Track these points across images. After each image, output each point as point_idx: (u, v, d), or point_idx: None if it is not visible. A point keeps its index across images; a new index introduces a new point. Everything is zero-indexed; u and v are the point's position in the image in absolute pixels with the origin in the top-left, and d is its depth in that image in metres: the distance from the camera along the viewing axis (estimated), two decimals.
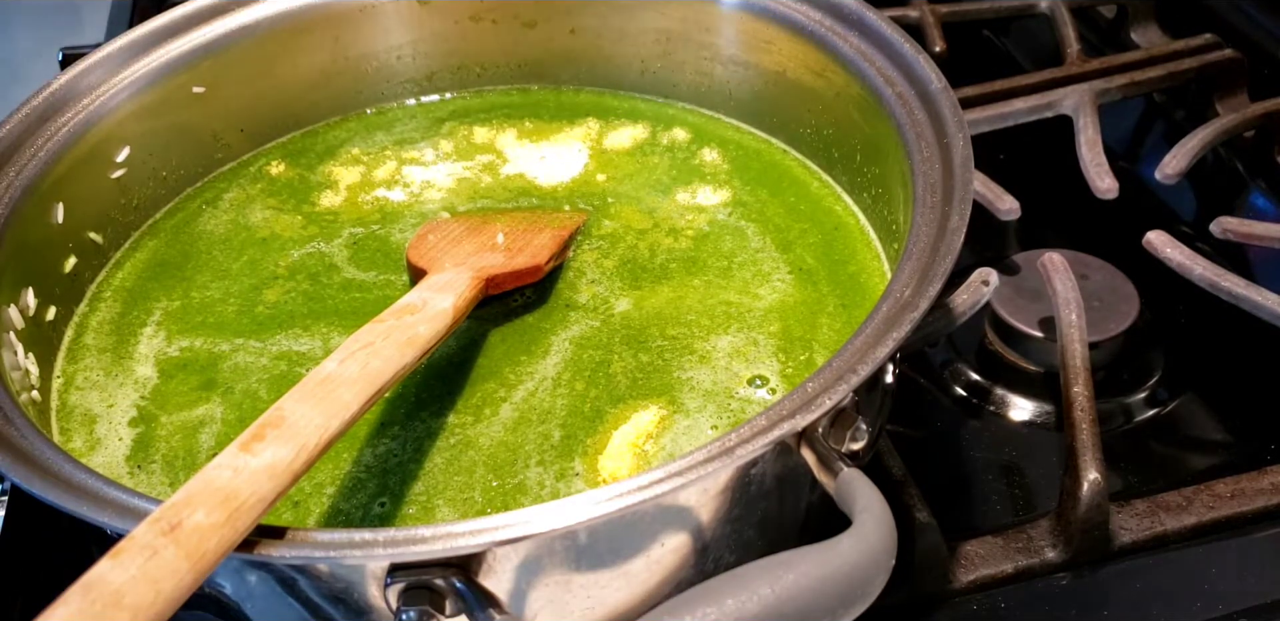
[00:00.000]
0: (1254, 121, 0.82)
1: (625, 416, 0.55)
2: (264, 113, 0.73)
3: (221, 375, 0.59)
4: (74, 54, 0.93)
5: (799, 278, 0.62)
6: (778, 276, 0.62)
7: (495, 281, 0.59)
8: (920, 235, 0.50)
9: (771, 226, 0.65)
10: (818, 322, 0.59)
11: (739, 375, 0.57)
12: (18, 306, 0.58)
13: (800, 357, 0.57)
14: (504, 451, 0.54)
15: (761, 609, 0.39)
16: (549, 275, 0.62)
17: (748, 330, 0.59)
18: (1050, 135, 0.84)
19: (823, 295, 0.61)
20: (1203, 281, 0.66)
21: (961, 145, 0.53)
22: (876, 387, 0.52)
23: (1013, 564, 0.59)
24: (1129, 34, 0.98)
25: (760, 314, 0.60)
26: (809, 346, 0.58)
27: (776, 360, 0.57)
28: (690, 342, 0.59)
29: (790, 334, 0.59)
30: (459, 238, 0.62)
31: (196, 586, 0.36)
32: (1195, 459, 0.68)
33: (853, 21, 0.63)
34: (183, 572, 0.35)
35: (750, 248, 0.64)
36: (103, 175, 0.65)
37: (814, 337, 0.58)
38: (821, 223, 0.66)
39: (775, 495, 0.48)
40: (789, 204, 0.67)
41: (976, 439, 0.69)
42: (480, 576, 0.42)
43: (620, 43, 0.74)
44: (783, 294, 0.61)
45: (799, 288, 0.61)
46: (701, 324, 0.60)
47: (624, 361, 0.58)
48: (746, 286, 0.62)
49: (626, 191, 0.69)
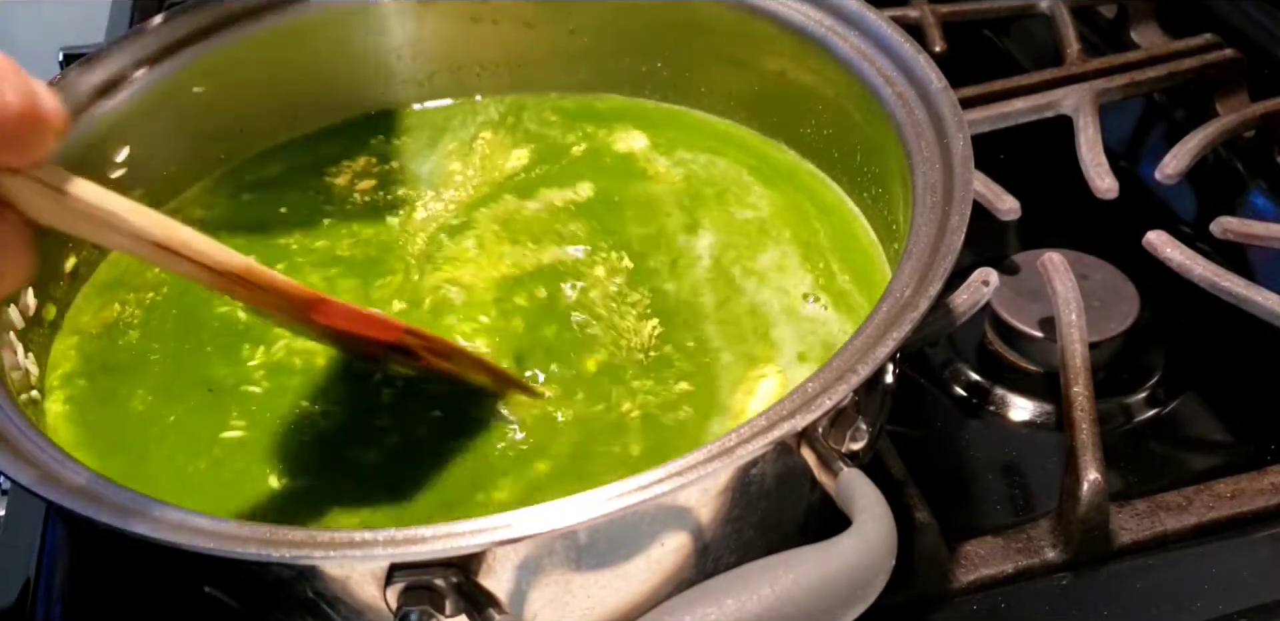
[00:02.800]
0: (1254, 121, 0.82)
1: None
2: (264, 113, 0.73)
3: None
4: (74, 54, 0.93)
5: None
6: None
7: (327, 310, 0.48)
8: (920, 235, 0.50)
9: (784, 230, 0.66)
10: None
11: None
12: (18, 306, 0.58)
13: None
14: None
15: (761, 609, 0.39)
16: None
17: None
18: (1050, 135, 0.83)
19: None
20: (1203, 281, 0.66)
21: (961, 145, 0.53)
22: (876, 387, 0.52)
23: (1013, 564, 0.59)
24: (1129, 34, 0.98)
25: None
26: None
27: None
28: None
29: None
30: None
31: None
32: (1195, 459, 0.68)
33: (853, 21, 0.63)
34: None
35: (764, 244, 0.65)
36: (103, 175, 0.65)
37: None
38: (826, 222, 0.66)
39: (775, 495, 0.48)
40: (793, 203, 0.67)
41: (976, 439, 0.69)
42: (480, 576, 0.42)
43: (620, 43, 0.74)
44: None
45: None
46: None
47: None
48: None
49: (626, 190, 0.69)
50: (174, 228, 0.41)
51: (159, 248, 0.40)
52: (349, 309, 0.49)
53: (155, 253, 0.40)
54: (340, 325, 0.49)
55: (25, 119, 0.31)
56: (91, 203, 0.38)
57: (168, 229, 0.40)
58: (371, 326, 0.50)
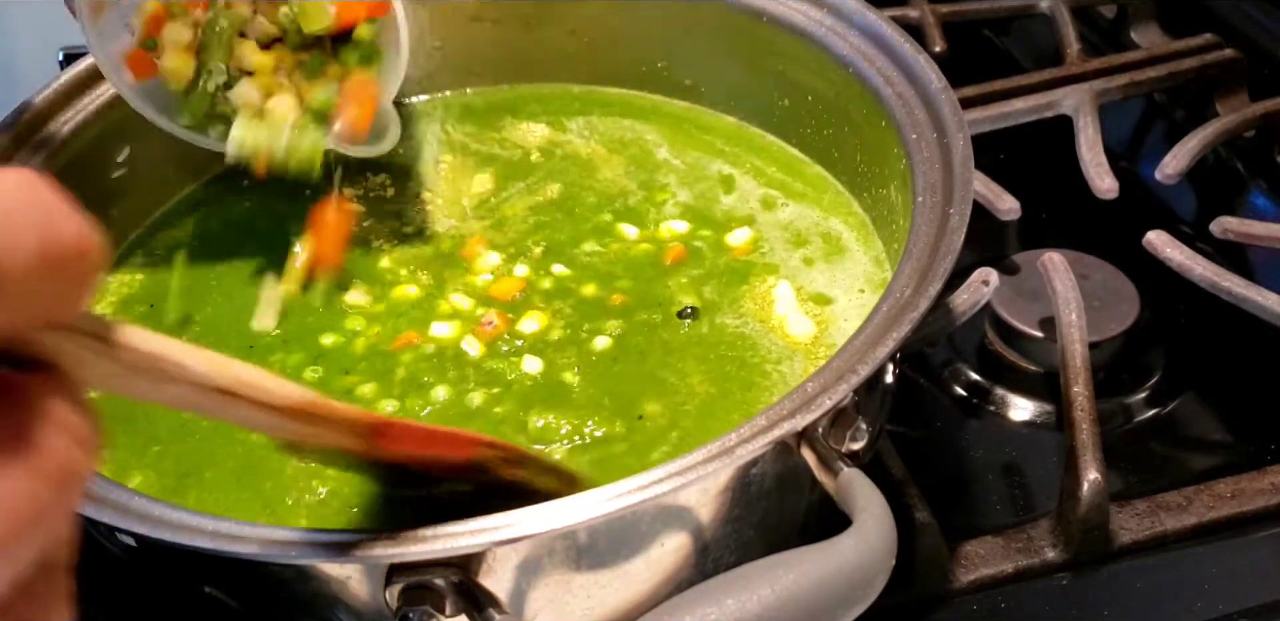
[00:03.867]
0: (1254, 121, 0.82)
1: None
2: None
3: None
4: (74, 54, 0.93)
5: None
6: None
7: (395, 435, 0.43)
8: (920, 235, 0.50)
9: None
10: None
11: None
12: None
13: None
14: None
15: (761, 609, 0.39)
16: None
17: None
18: (1050, 135, 0.83)
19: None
20: (1203, 281, 0.66)
21: (961, 145, 0.53)
22: (876, 387, 0.52)
23: (1013, 564, 0.59)
24: (1129, 34, 0.98)
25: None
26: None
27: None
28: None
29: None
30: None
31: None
32: (1195, 459, 0.68)
33: (853, 21, 0.63)
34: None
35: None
36: (103, 175, 0.65)
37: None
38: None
39: (775, 495, 0.48)
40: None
41: (976, 439, 0.69)
42: (480, 576, 0.42)
43: (620, 43, 0.74)
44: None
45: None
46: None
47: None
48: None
49: (628, 191, 0.69)
50: (233, 366, 0.36)
51: (220, 393, 0.35)
52: (422, 429, 0.46)
53: (214, 400, 0.35)
54: (410, 449, 0.44)
55: (81, 250, 0.25)
56: (146, 351, 0.32)
57: (228, 369, 0.35)
58: (447, 444, 0.45)
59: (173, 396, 0.34)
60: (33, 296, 0.24)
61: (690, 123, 0.74)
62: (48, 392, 0.26)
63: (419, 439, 0.44)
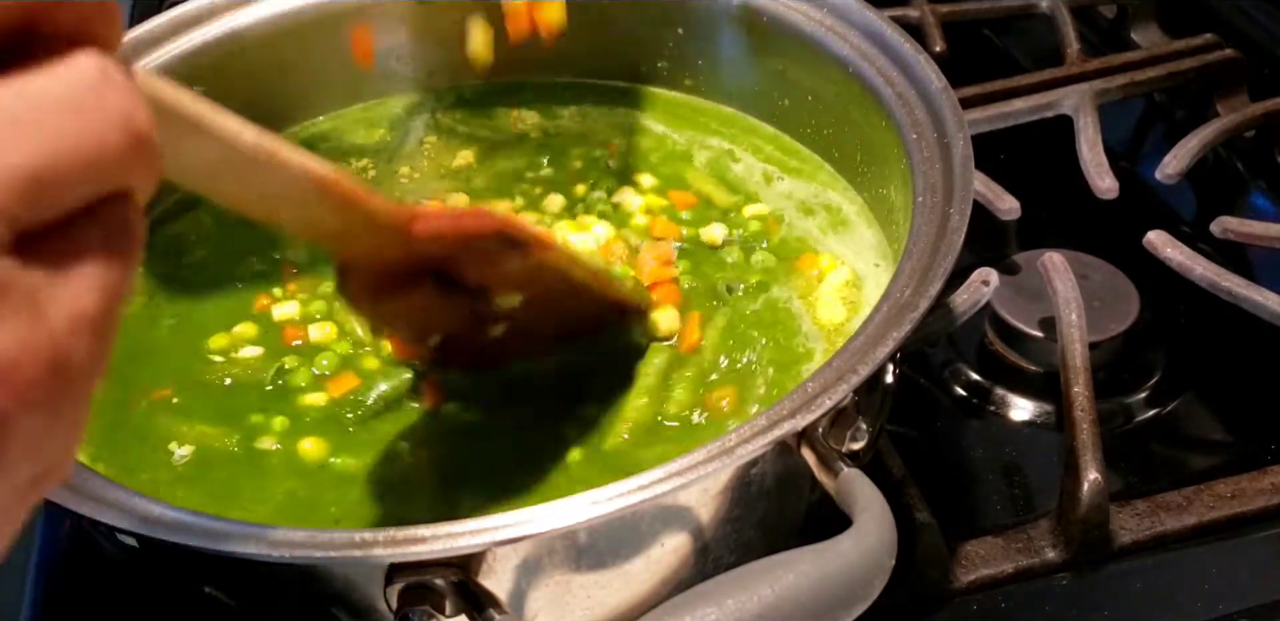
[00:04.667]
0: (1254, 121, 0.82)
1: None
2: (263, 113, 0.73)
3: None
4: None
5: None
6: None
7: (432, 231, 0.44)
8: (920, 235, 0.50)
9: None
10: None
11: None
12: None
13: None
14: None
15: (762, 609, 0.39)
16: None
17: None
18: (1050, 135, 0.83)
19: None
20: (1203, 281, 0.66)
21: (961, 145, 0.53)
22: (876, 387, 0.52)
23: (1013, 564, 0.59)
24: (1129, 34, 0.98)
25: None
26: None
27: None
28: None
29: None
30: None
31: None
32: (1195, 459, 0.68)
33: (853, 21, 0.63)
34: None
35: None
36: None
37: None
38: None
39: (775, 495, 0.48)
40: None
41: (976, 439, 0.69)
42: (480, 576, 0.42)
43: (619, 43, 0.74)
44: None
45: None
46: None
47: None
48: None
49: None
50: (262, 132, 0.34)
51: (249, 153, 0.33)
52: (450, 211, 0.49)
53: (240, 160, 0.33)
54: (443, 226, 0.44)
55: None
56: (169, 98, 0.30)
57: (257, 130, 0.34)
58: (474, 218, 0.46)
59: (194, 154, 0.31)
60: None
61: (686, 107, 0.75)
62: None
63: (449, 219, 0.45)
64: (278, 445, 0.55)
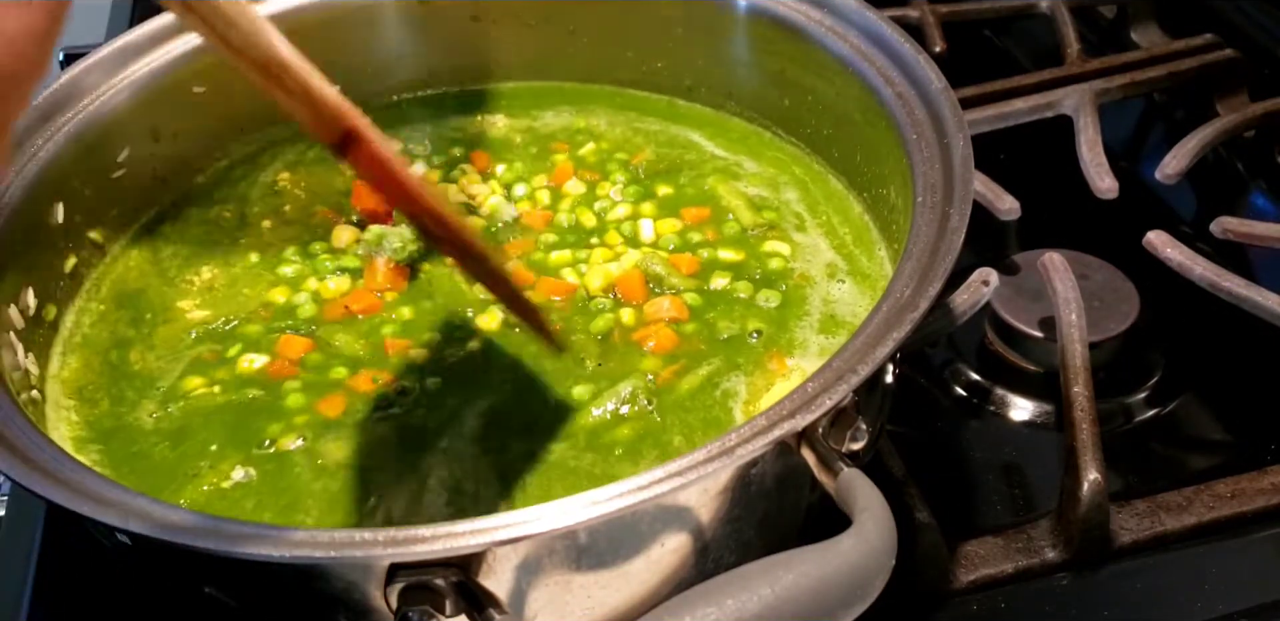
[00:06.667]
0: (1254, 121, 0.82)
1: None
2: (264, 113, 0.73)
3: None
4: (74, 54, 0.93)
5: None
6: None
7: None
8: (920, 235, 0.50)
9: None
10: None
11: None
12: (18, 306, 0.58)
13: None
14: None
15: (761, 609, 0.39)
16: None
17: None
18: (1050, 135, 0.84)
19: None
20: (1203, 281, 0.66)
21: (961, 145, 0.53)
22: (876, 387, 0.52)
23: (1013, 564, 0.59)
24: (1129, 34, 0.98)
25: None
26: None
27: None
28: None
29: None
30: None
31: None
32: (1195, 459, 0.68)
33: (853, 21, 0.63)
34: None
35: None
36: (103, 175, 0.65)
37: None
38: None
39: (775, 495, 0.48)
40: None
41: (976, 439, 0.69)
42: (480, 576, 0.42)
43: (619, 43, 0.74)
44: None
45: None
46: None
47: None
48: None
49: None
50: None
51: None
52: (385, 164, 0.47)
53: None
54: (366, 185, 0.52)
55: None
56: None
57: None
58: (397, 197, 0.48)
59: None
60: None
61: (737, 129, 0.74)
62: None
63: (370, 180, 0.48)
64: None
